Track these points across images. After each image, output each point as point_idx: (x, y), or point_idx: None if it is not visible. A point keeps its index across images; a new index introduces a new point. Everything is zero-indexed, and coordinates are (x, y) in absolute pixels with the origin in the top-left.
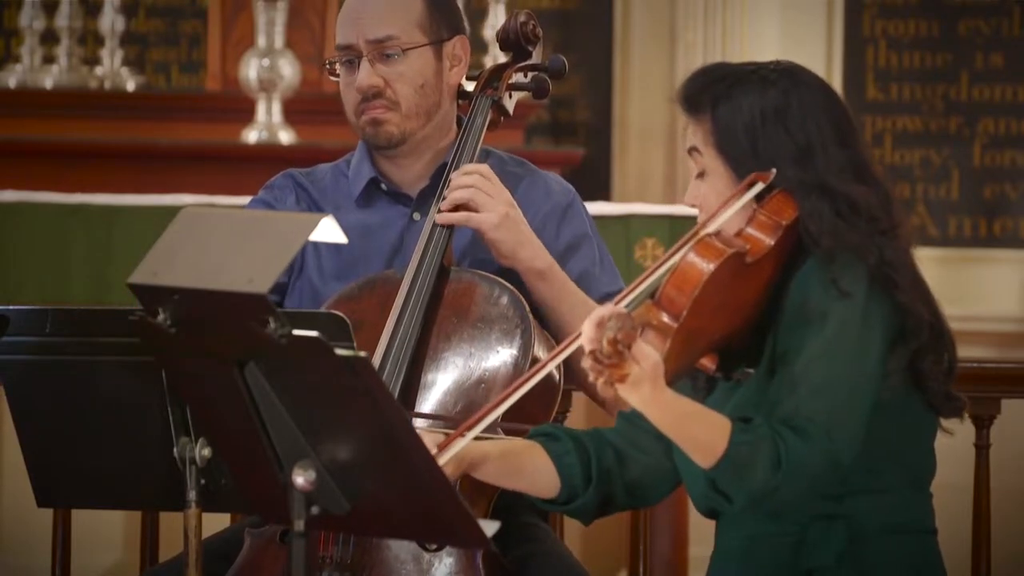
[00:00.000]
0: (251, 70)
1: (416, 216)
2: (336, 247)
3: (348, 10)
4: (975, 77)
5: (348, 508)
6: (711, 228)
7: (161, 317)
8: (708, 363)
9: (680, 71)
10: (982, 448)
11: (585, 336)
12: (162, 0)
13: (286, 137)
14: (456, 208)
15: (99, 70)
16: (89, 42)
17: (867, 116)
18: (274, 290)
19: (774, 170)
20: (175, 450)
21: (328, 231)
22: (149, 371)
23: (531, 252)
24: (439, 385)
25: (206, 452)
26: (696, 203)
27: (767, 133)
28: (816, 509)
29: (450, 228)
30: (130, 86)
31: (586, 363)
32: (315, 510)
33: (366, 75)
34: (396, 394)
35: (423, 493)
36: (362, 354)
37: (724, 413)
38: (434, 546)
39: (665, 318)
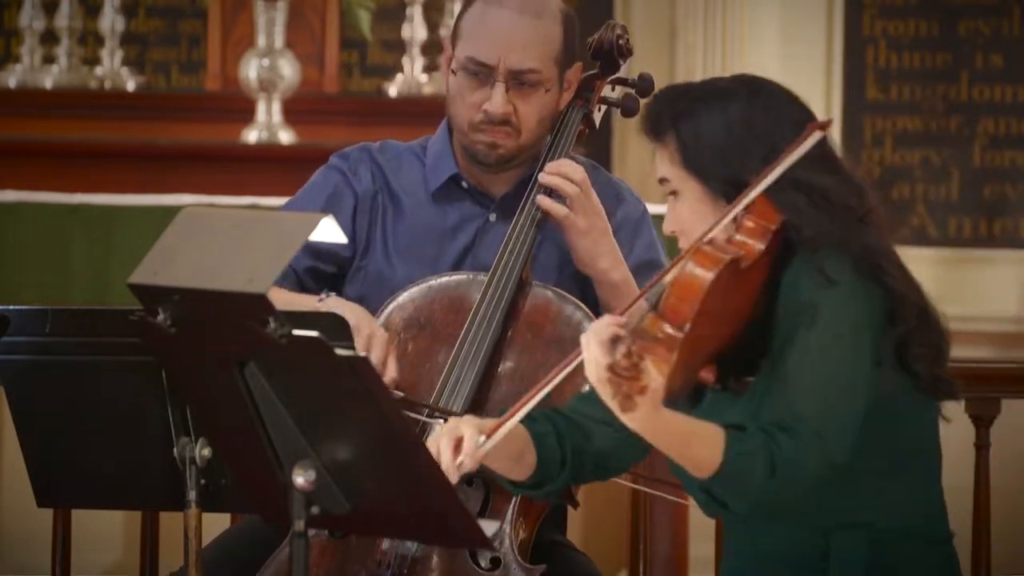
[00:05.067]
0: (251, 70)
1: (492, 218)
2: (408, 234)
3: (494, 28)
4: (975, 77)
5: (348, 508)
6: (740, 207)
7: (161, 317)
8: (708, 375)
9: (680, 71)
10: (982, 448)
11: (595, 354)
12: (162, 0)
13: (286, 137)
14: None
15: (99, 70)
16: (89, 42)
17: (867, 116)
18: (329, 260)
19: (831, 118)
20: (175, 450)
21: (328, 232)
22: (149, 371)
23: (609, 264)
24: (508, 399)
25: (206, 452)
26: (677, 228)
27: (733, 142)
28: (836, 518)
29: (534, 238)
30: (130, 86)
31: (601, 384)
32: (315, 510)
33: (501, 102)
34: (465, 402)
35: (423, 493)
36: (362, 354)
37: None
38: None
39: (669, 329)
